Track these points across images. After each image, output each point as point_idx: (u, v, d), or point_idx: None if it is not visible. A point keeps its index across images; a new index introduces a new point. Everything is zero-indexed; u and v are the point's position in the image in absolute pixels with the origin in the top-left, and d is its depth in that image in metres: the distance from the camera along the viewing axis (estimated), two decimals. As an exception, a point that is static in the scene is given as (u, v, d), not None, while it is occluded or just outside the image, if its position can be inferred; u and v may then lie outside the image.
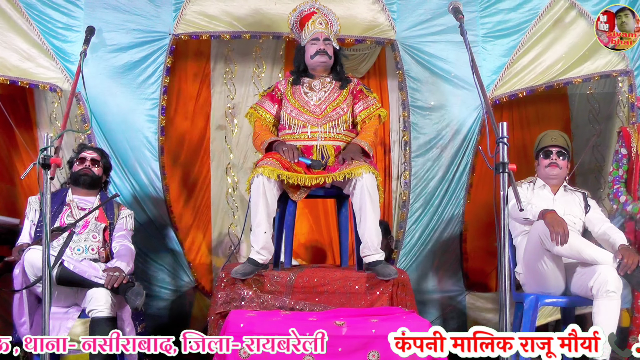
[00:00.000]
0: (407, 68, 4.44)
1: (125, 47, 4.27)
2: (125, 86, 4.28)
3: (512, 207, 3.32)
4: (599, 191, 4.80)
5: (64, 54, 4.22)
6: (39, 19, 4.21)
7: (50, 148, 2.58)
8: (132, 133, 4.30)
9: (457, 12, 3.25)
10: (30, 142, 4.66)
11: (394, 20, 4.41)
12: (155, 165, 4.35)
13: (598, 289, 3.26)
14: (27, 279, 3.18)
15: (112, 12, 4.25)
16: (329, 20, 3.90)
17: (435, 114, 4.50)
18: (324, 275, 3.45)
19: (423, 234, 4.52)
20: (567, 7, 4.42)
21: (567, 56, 4.41)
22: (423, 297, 4.51)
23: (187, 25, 4.29)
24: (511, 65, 4.42)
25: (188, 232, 4.81)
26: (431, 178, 4.52)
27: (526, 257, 3.54)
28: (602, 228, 3.64)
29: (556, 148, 3.79)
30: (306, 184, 3.47)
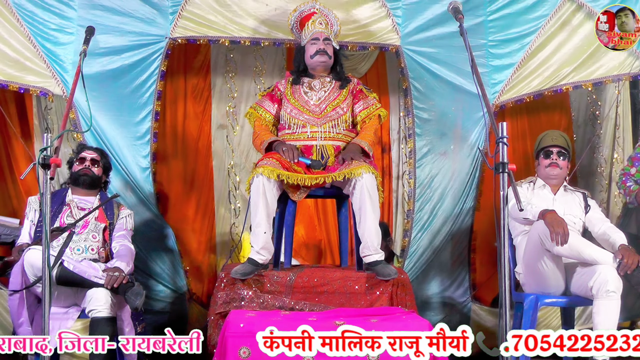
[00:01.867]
0: (412, 74, 4.35)
1: (119, 50, 4.14)
2: (119, 90, 4.16)
3: (512, 207, 3.32)
4: (600, 193, 4.80)
5: (55, 57, 4.09)
6: (30, 20, 4.06)
7: (50, 148, 2.58)
8: (124, 139, 4.19)
9: (457, 12, 3.24)
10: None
11: (398, 26, 4.31)
12: (148, 170, 4.25)
13: (598, 289, 3.25)
14: (27, 279, 3.18)
15: (106, 14, 4.12)
16: (329, 20, 3.90)
17: (440, 121, 4.40)
18: (324, 275, 3.45)
19: (430, 243, 4.40)
20: (575, 9, 4.33)
21: (576, 59, 4.33)
22: (429, 306, 4.42)
23: (184, 29, 4.17)
24: (518, 70, 4.34)
25: (189, 233, 4.81)
26: (437, 187, 4.41)
27: (526, 257, 3.54)
28: (602, 228, 3.64)
29: (556, 148, 3.79)
30: (306, 184, 3.47)
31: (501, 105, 4.36)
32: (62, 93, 4.07)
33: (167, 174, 4.79)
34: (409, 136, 4.44)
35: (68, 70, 4.09)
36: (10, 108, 4.58)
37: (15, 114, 4.61)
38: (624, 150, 4.77)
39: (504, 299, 2.44)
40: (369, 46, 4.39)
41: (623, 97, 4.79)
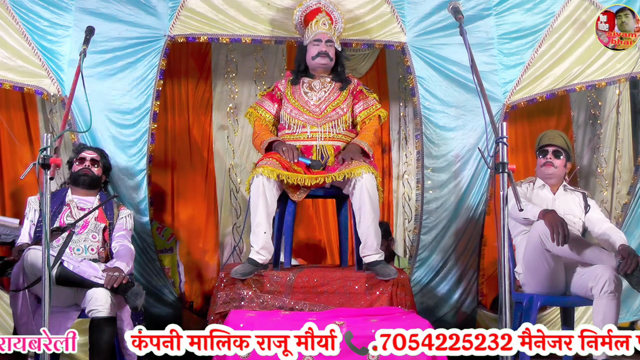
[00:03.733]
0: (419, 73, 4.21)
1: (117, 48, 4.04)
2: (115, 89, 4.07)
3: (512, 207, 3.32)
4: (599, 193, 4.79)
5: (51, 55, 4.01)
6: (26, 17, 3.97)
7: (50, 148, 2.58)
8: (119, 141, 4.08)
9: (457, 12, 3.23)
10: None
11: (404, 23, 4.20)
12: (143, 172, 4.12)
13: (598, 289, 3.25)
14: (27, 279, 3.17)
15: (104, 11, 4.02)
16: (333, 18, 3.88)
17: (449, 120, 4.25)
18: (324, 275, 3.45)
19: (438, 248, 4.28)
20: (586, 6, 4.24)
21: (588, 57, 4.24)
22: (436, 311, 4.30)
23: (183, 26, 4.08)
24: (529, 68, 4.22)
25: (193, 234, 4.81)
26: (445, 188, 4.27)
27: (526, 257, 3.54)
28: (602, 228, 3.64)
29: (552, 147, 3.78)
30: (306, 184, 3.48)
31: (512, 106, 4.24)
32: (58, 92, 4.02)
33: (166, 176, 4.79)
34: (417, 137, 4.30)
35: (64, 69, 4.04)
36: (16, 111, 4.56)
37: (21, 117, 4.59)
38: (624, 150, 4.77)
39: (504, 299, 2.44)
40: (374, 44, 4.28)
41: (623, 97, 4.78)
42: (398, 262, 4.81)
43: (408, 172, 5.08)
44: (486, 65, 4.19)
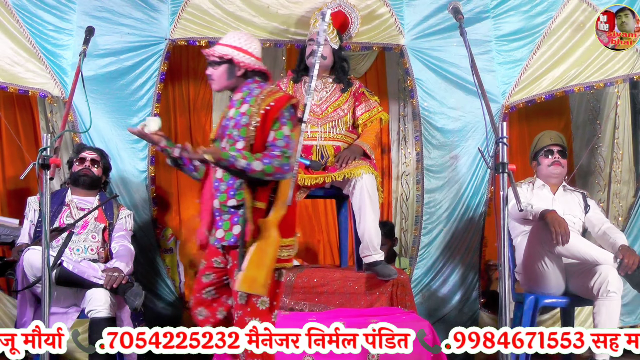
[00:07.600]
0: (418, 75, 4.19)
1: (118, 52, 4.05)
2: (117, 92, 4.08)
3: (512, 208, 3.32)
4: (598, 193, 4.79)
5: (55, 58, 4.03)
6: (30, 21, 3.99)
7: (50, 148, 2.58)
8: (122, 142, 4.10)
9: (457, 12, 3.23)
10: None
11: (402, 26, 4.19)
12: (145, 173, 4.15)
13: (598, 289, 3.26)
14: (27, 279, 3.18)
15: (106, 15, 4.03)
16: (349, 20, 3.90)
17: (448, 122, 4.25)
18: (324, 275, 3.45)
19: (439, 249, 4.25)
20: (584, 8, 4.22)
21: (586, 59, 4.23)
22: (437, 311, 4.27)
23: (184, 30, 4.09)
24: (527, 69, 4.22)
25: (192, 233, 4.79)
26: (445, 190, 4.25)
27: (526, 257, 3.54)
28: (602, 228, 3.64)
29: (557, 147, 3.79)
30: (305, 184, 3.48)
31: (511, 107, 4.24)
32: (61, 94, 4.03)
33: (169, 177, 4.79)
34: (416, 138, 4.28)
35: (67, 72, 4.05)
36: (16, 111, 4.56)
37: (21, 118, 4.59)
38: (625, 150, 4.76)
39: (504, 299, 2.44)
40: (372, 47, 4.29)
41: (623, 97, 4.78)
42: (399, 262, 4.80)
43: (407, 172, 5.07)
44: (484, 67, 4.18)
